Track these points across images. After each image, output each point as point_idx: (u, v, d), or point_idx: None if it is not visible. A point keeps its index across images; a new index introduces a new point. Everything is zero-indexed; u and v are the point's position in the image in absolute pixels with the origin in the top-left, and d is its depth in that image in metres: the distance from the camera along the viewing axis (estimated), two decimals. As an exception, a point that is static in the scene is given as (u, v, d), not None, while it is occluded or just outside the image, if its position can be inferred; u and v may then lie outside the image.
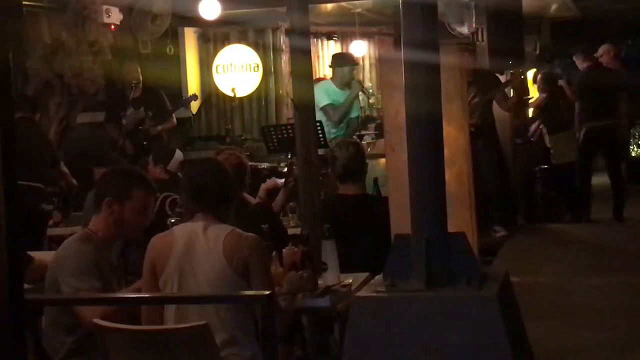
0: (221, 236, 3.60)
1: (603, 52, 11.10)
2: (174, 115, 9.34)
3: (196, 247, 3.61)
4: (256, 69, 10.90)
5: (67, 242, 3.96)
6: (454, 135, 4.46)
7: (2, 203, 1.82)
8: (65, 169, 7.70)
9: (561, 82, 11.09)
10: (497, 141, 8.83)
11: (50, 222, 6.91)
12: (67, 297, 3.74)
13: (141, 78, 9.24)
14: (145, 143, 8.90)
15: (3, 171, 1.82)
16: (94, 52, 9.03)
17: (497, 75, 8.80)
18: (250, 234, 3.65)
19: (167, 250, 3.62)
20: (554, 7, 11.90)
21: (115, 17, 9.17)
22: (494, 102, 8.75)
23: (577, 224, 9.23)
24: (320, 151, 5.77)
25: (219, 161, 4.12)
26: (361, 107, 9.79)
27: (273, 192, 5.39)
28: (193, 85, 11.16)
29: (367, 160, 5.49)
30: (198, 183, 3.77)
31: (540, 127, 10.34)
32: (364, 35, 11.95)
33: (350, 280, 4.12)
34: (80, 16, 8.91)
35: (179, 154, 7.18)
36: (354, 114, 9.27)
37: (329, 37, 12.09)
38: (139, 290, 3.72)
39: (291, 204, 5.86)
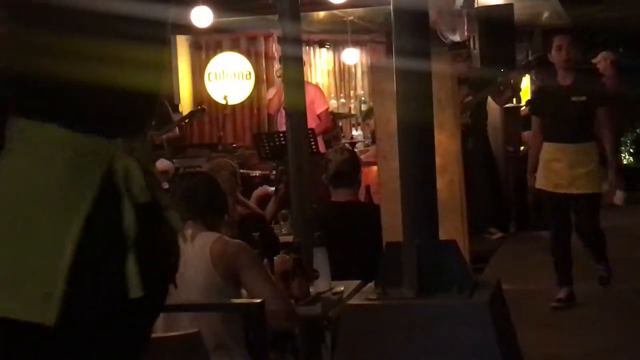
0: (208, 243, 3.60)
1: (601, 59, 11.12)
2: (176, 126, 9.37)
3: (184, 255, 3.59)
4: (248, 76, 10.91)
5: None
6: (446, 143, 4.47)
7: None
8: None
9: None
10: (488, 141, 8.86)
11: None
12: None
13: None
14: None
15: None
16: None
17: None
18: (235, 240, 3.66)
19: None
20: (545, 15, 11.95)
21: (107, 24, 9.15)
22: (489, 100, 8.77)
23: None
24: None
25: (209, 173, 4.13)
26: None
27: (264, 200, 5.39)
28: (185, 93, 11.17)
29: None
30: (188, 190, 3.79)
31: None
32: (356, 43, 11.99)
33: (342, 288, 4.11)
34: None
35: (161, 163, 7.16)
36: None
37: (321, 45, 12.12)
38: None
39: (283, 211, 5.86)
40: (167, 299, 1.96)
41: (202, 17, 9.15)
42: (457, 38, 8.18)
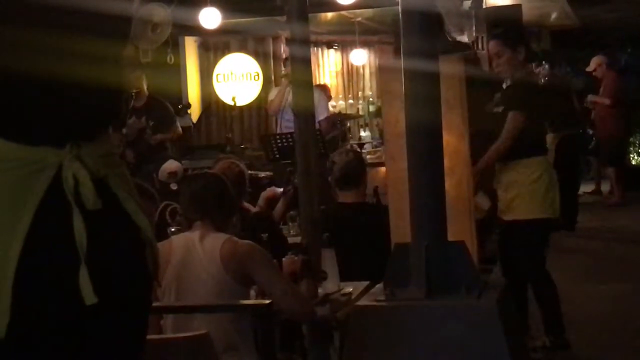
0: (217, 244, 3.60)
1: (595, 65, 10.89)
2: (178, 125, 9.33)
3: (194, 256, 3.61)
4: (256, 77, 10.92)
5: None
6: (454, 144, 4.46)
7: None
8: None
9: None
10: None
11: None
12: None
13: (145, 87, 9.24)
14: (146, 153, 8.90)
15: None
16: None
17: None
18: (245, 240, 3.66)
19: (165, 259, 3.62)
20: (554, 15, 11.93)
21: (115, 26, 9.14)
22: None
23: (574, 232, 9.21)
24: None
25: (219, 174, 4.14)
26: None
27: (273, 201, 5.39)
28: (193, 94, 11.18)
29: (367, 169, 5.48)
30: (197, 191, 3.79)
31: None
32: (364, 44, 11.99)
33: (350, 289, 4.11)
34: (81, 25, 8.88)
35: (170, 164, 7.16)
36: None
37: (329, 45, 12.12)
38: None
39: (291, 212, 5.86)
40: (177, 300, 1.95)
41: (210, 18, 9.16)
42: (465, 39, 8.17)
